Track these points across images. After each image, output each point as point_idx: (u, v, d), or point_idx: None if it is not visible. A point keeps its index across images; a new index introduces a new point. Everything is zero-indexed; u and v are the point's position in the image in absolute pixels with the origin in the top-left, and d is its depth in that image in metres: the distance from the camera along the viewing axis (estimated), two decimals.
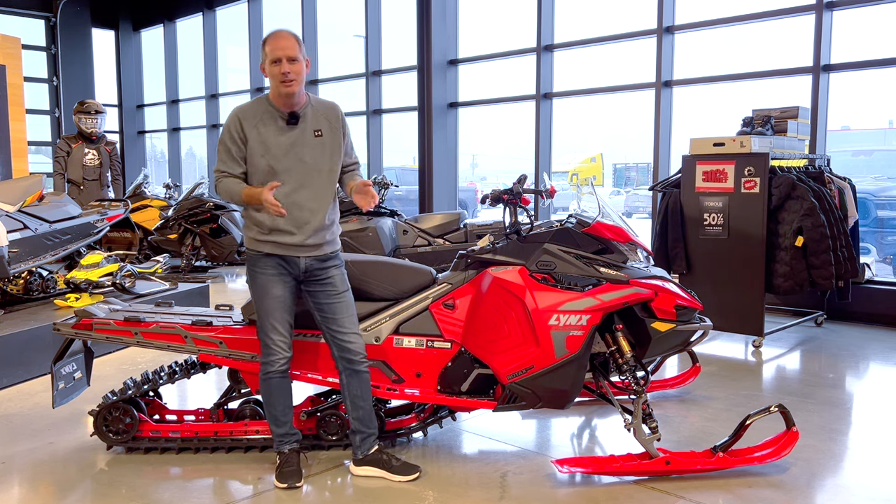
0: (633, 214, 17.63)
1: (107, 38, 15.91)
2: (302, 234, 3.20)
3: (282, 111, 3.20)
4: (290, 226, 3.18)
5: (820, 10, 6.83)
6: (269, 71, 3.15)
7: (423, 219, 7.93)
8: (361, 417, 3.33)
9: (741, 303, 5.70)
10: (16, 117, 10.38)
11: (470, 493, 3.18)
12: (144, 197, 10.25)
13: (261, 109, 3.21)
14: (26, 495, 3.20)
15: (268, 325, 3.22)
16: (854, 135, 12.14)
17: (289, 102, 3.18)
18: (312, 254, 3.24)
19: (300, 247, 3.21)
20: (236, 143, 3.18)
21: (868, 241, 9.13)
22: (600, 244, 3.42)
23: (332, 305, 3.28)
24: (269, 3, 13.14)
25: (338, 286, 3.30)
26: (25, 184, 5.85)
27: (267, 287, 3.22)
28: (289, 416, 3.33)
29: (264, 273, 3.22)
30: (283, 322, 3.23)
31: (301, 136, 3.21)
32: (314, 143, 3.22)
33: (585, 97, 9.25)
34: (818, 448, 3.68)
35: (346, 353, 3.27)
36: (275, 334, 3.22)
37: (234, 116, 3.21)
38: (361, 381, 3.31)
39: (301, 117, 3.22)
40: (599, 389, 3.63)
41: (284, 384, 3.29)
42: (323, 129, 3.25)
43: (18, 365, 4.86)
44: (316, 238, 3.23)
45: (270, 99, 3.22)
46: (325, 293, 3.28)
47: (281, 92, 3.14)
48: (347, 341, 3.27)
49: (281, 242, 3.19)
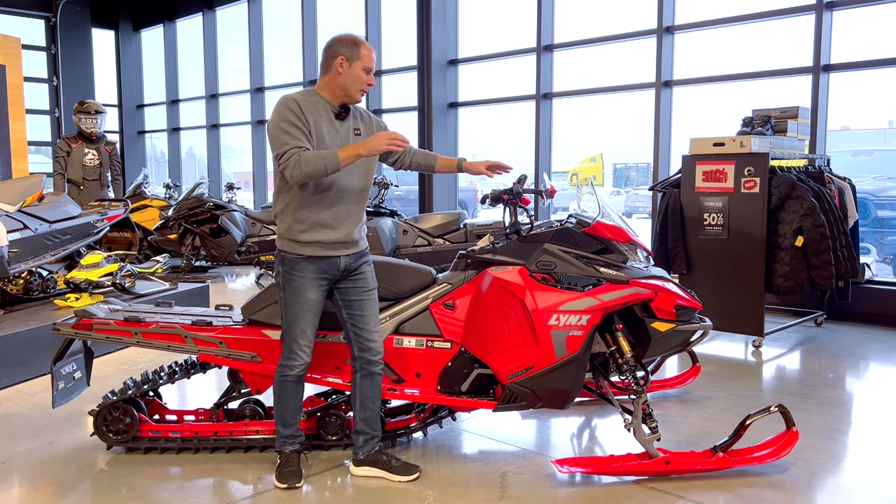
0: (633, 214, 17.63)
1: (107, 38, 15.91)
2: (343, 228, 3.18)
3: (333, 105, 3.19)
4: (334, 220, 3.15)
5: (820, 10, 6.83)
6: (356, 73, 3.12)
7: (423, 219, 7.93)
8: (368, 419, 3.33)
9: (741, 303, 5.70)
10: (16, 117, 10.38)
11: (470, 493, 3.18)
12: (144, 197, 10.25)
13: (313, 99, 3.16)
14: (26, 495, 3.20)
15: (297, 330, 3.19)
16: (854, 135, 12.15)
17: (342, 101, 3.19)
18: (351, 251, 3.23)
19: (340, 244, 3.18)
20: (303, 121, 3.06)
21: (868, 241, 9.14)
22: (600, 244, 3.42)
23: (362, 302, 3.27)
24: (269, 3, 13.15)
25: (368, 283, 3.31)
26: (25, 184, 5.85)
27: (302, 290, 3.17)
28: (297, 419, 3.33)
29: (302, 276, 3.17)
30: (312, 327, 3.21)
31: (347, 133, 3.22)
32: (355, 140, 3.23)
33: (585, 97, 9.25)
34: (818, 448, 3.68)
35: (367, 353, 3.27)
36: (302, 339, 3.19)
37: (290, 101, 3.08)
38: (374, 383, 3.31)
39: (349, 112, 3.24)
40: (599, 389, 3.63)
41: (299, 388, 3.29)
42: (361, 130, 3.28)
43: (18, 365, 4.86)
44: (354, 234, 3.23)
45: (319, 92, 3.19)
46: (357, 290, 3.27)
47: (355, 98, 3.17)
48: (370, 340, 3.27)
49: (322, 241, 3.15)
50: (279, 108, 3.08)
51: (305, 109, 3.09)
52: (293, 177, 2.99)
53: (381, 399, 3.58)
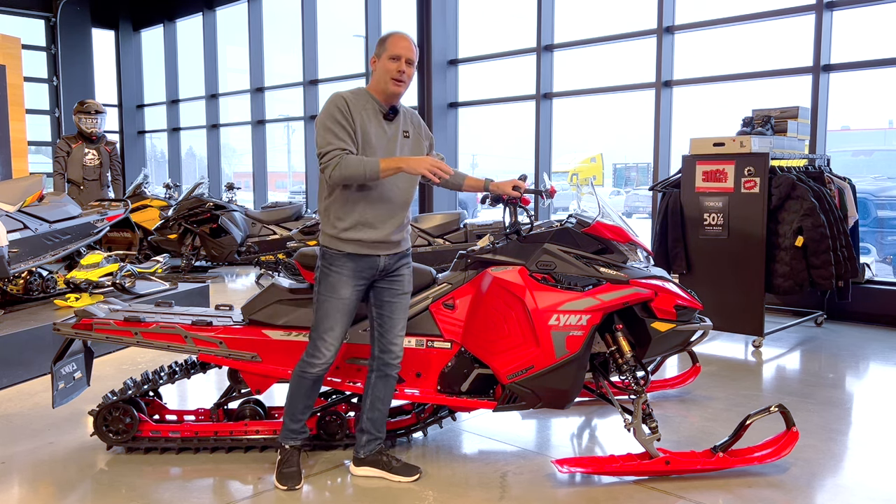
0: (633, 214, 17.63)
1: (107, 38, 15.92)
2: (385, 228, 3.16)
3: (382, 104, 3.18)
4: (376, 219, 3.14)
5: (820, 10, 6.83)
6: (384, 65, 3.10)
7: (423, 219, 7.93)
8: (375, 419, 3.33)
9: (741, 303, 5.70)
10: (16, 117, 10.38)
11: (470, 493, 3.18)
12: (144, 197, 10.25)
13: (363, 98, 3.15)
14: (26, 495, 3.20)
15: (325, 326, 3.16)
16: (854, 135, 12.14)
17: (391, 100, 3.17)
18: (392, 251, 3.23)
19: (382, 243, 3.17)
20: (348, 121, 3.06)
21: (868, 241, 9.14)
22: (600, 244, 3.42)
23: (393, 304, 3.26)
24: (269, 3, 13.15)
25: (405, 286, 3.30)
26: (25, 184, 5.85)
27: (337, 287, 3.15)
28: (306, 416, 3.32)
29: (339, 273, 3.15)
30: (342, 325, 3.18)
31: (396, 133, 3.21)
32: (403, 142, 3.24)
33: (585, 97, 9.25)
34: (818, 448, 3.68)
35: (387, 356, 3.27)
36: (329, 336, 3.16)
37: (339, 99, 3.08)
38: (388, 386, 3.31)
39: (398, 113, 3.22)
40: (599, 389, 3.63)
41: (316, 387, 3.28)
42: (410, 132, 3.28)
43: (18, 365, 4.86)
44: (397, 235, 3.22)
45: (370, 91, 3.18)
46: (391, 291, 3.26)
47: (389, 90, 3.12)
48: (393, 343, 3.27)
49: (363, 240, 3.14)
50: (328, 106, 3.08)
51: (353, 108, 3.09)
52: (331, 177, 3.01)
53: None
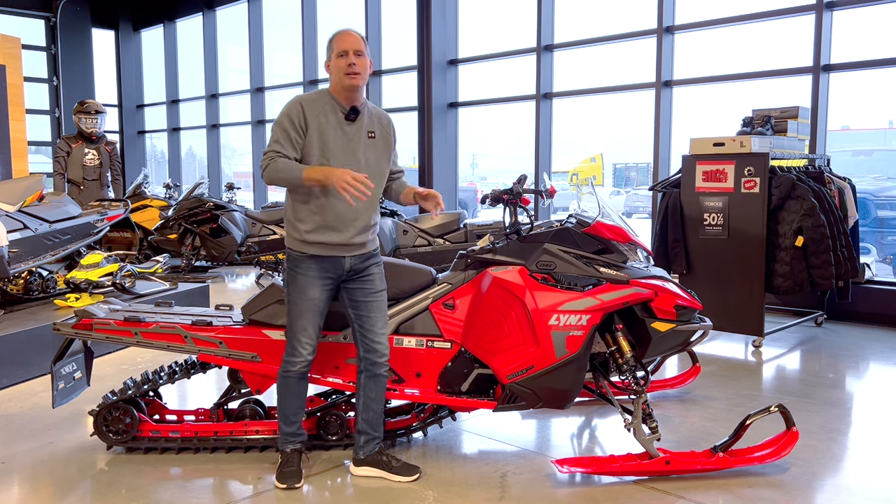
0: (633, 214, 17.63)
1: (107, 38, 15.91)
2: (348, 231, 3.18)
3: (343, 105, 3.19)
4: (338, 222, 3.16)
5: (820, 10, 6.83)
6: (335, 64, 3.14)
7: (423, 219, 7.93)
8: (371, 419, 3.33)
9: (741, 303, 5.70)
10: (16, 117, 10.38)
11: (470, 493, 3.18)
12: (144, 197, 10.25)
13: (323, 101, 3.18)
14: (26, 495, 3.20)
15: (298, 326, 3.21)
16: (854, 135, 12.14)
17: (351, 97, 3.18)
18: (356, 252, 3.24)
19: (345, 245, 3.19)
20: (296, 128, 3.12)
21: (868, 241, 9.14)
22: (600, 244, 3.42)
23: (369, 304, 3.28)
24: (269, 3, 13.15)
25: (376, 285, 3.31)
26: (25, 184, 5.85)
27: (305, 289, 3.20)
28: (300, 417, 3.33)
29: (305, 275, 3.20)
30: (314, 325, 3.22)
31: (358, 134, 3.21)
32: (367, 143, 3.24)
33: (585, 97, 9.25)
34: (818, 448, 3.68)
35: (372, 355, 3.28)
36: (303, 336, 3.21)
37: (296, 103, 3.15)
38: (378, 385, 3.31)
39: (360, 114, 3.22)
40: (599, 389, 3.63)
41: (302, 385, 3.29)
42: (376, 132, 3.27)
43: (18, 365, 4.86)
44: (361, 237, 3.23)
45: (332, 93, 3.20)
46: (364, 291, 3.28)
47: (345, 84, 3.13)
48: (376, 342, 3.27)
49: (326, 242, 3.17)
50: (283, 110, 3.15)
51: (309, 113, 3.12)
52: (263, 178, 3.13)
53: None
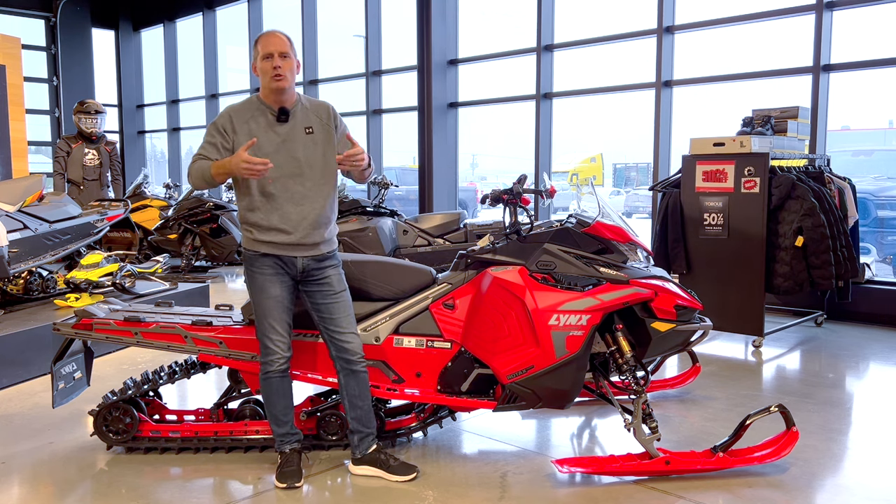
0: (633, 214, 17.62)
1: (107, 38, 15.90)
2: (297, 232, 3.20)
3: (272, 108, 3.21)
4: (285, 224, 3.18)
5: (820, 10, 6.83)
6: (261, 67, 3.18)
7: (423, 219, 7.93)
8: (359, 417, 3.33)
9: (741, 303, 5.70)
10: (16, 117, 10.38)
11: (470, 493, 3.18)
12: (144, 197, 10.25)
13: (252, 107, 3.24)
14: (26, 495, 3.20)
15: (266, 326, 3.23)
16: (854, 135, 12.14)
17: (279, 99, 3.21)
18: (309, 253, 3.25)
19: (296, 246, 3.21)
20: (221, 133, 3.19)
21: (868, 241, 9.13)
22: (600, 244, 3.42)
23: (330, 306, 3.28)
24: (269, 3, 13.14)
25: (335, 286, 3.30)
26: (25, 184, 5.85)
27: (265, 287, 3.22)
28: (289, 416, 3.33)
29: (262, 273, 3.23)
30: (281, 322, 3.23)
31: (292, 133, 3.22)
32: (306, 139, 3.24)
33: (585, 97, 9.25)
34: (818, 448, 3.68)
35: (344, 354, 3.28)
36: (273, 334, 3.22)
37: (224, 113, 3.24)
38: (359, 381, 3.31)
39: (291, 114, 3.23)
40: (599, 389, 3.63)
41: (284, 384, 3.29)
42: (314, 127, 3.27)
43: (18, 365, 4.86)
44: (312, 237, 3.23)
45: (261, 97, 3.25)
46: (322, 293, 3.28)
47: (271, 87, 3.17)
48: (345, 341, 3.27)
49: (277, 242, 3.20)
50: (214, 120, 3.23)
51: (238, 120, 3.19)
52: (189, 181, 3.21)
53: (382, 399, 3.59)
